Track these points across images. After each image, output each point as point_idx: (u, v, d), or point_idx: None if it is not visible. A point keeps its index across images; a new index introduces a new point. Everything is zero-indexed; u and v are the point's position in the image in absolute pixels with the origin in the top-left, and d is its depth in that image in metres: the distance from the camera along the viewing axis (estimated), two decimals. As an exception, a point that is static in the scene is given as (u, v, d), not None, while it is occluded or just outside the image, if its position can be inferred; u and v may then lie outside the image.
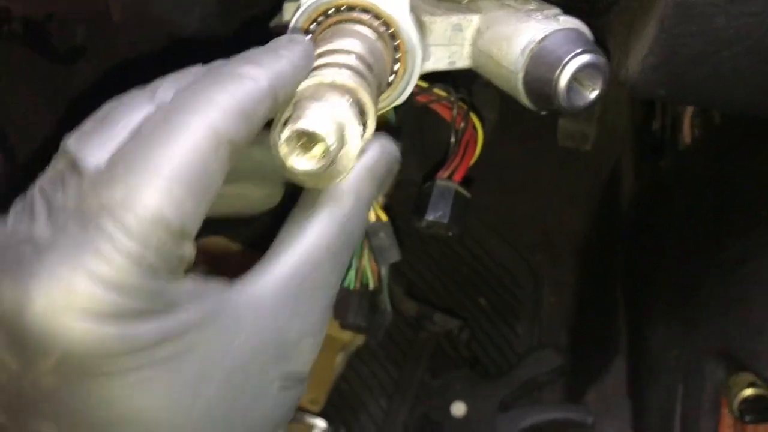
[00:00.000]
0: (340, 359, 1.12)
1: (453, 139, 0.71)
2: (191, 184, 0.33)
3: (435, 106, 0.75)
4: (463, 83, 0.77)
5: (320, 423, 1.05)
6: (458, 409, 1.12)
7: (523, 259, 1.27)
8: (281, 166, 0.38)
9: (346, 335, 1.12)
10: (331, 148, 0.36)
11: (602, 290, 1.16)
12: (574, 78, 0.45)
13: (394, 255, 0.72)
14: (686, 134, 0.94)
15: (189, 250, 0.34)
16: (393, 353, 1.21)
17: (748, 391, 0.82)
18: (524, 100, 0.48)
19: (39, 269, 0.32)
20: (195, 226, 0.34)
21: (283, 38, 0.40)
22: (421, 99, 0.75)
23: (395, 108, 0.77)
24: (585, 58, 0.45)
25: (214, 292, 0.36)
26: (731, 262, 0.75)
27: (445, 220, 0.67)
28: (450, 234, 0.68)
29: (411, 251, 1.22)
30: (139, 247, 0.32)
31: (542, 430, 1.09)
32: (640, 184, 1.06)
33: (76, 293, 0.31)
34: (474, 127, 0.72)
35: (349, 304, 0.79)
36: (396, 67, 0.48)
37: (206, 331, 0.35)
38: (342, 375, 1.18)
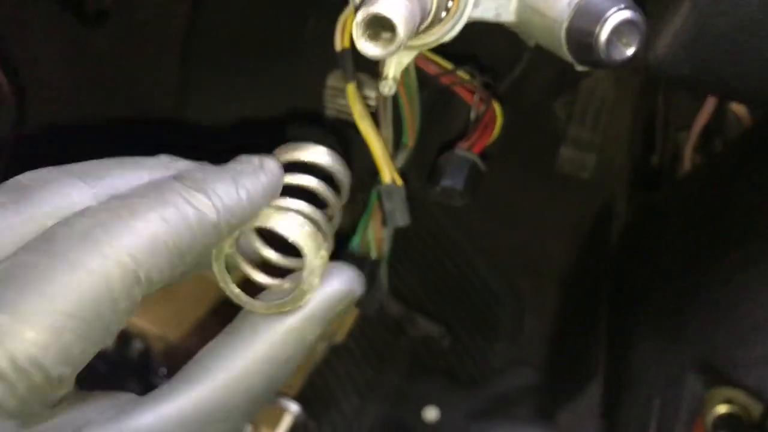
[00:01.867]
0: (320, 348, 1.12)
1: (474, 117, 0.73)
2: (89, 327, 0.27)
3: (457, 89, 0.78)
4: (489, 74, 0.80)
5: (293, 406, 1.04)
6: (430, 414, 1.12)
7: (507, 282, 1.29)
8: (222, 284, 0.34)
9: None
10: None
11: (584, 316, 1.19)
12: (615, 32, 0.48)
13: (404, 218, 0.74)
14: (686, 164, 0.98)
15: (66, 388, 0.28)
16: (370, 354, 1.21)
17: (723, 408, 0.84)
18: (564, 51, 0.51)
19: None
20: (78, 369, 0.28)
21: (253, 161, 0.34)
22: (445, 81, 0.78)
23: (419, 88, 0.80)
24: (627, 13, 0.48)
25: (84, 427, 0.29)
26: (723, 273, 0.78)
27: (460, 188, 0.69)
28: (461, 203, 0.70)
29: (398, 257, 1.24)
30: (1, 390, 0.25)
31: (511, 444, 1.10)
32: (633, 207, 1.10)
33: None
34: (494, 111, 0.75)
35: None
36: (449, 4, 0.51)
37: None
38: (317, 370, 1.18)
